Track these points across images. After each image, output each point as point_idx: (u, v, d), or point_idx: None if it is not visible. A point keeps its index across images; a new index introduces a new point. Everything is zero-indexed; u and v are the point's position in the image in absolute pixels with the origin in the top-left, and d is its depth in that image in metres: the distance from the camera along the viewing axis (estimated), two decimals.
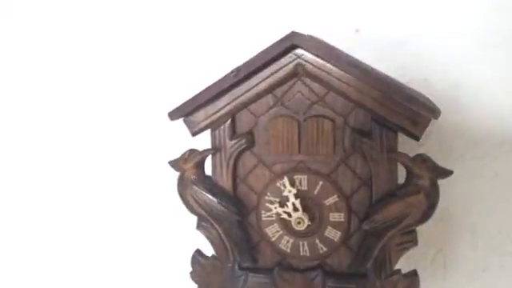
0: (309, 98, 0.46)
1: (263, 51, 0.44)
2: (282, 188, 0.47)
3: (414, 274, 0.46)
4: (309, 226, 0.47)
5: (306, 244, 0.48)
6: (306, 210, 0.47)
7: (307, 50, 0.44)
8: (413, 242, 0.46)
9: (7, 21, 0.69)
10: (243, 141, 0.47)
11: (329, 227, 0.47)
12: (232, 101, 0.47)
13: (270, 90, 0.46)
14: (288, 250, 0.48)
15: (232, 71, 0.46)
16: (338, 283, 0.47)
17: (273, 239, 0.49)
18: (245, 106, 0.47)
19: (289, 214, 0.47)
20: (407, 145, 0.47)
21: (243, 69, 0.45)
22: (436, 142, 0.58)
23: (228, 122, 0.48)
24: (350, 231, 0.47)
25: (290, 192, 0.46)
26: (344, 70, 0.43)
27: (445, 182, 0.44)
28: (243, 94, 0.46)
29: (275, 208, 0.47)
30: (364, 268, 0.46)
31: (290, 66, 0.45)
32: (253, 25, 0.61)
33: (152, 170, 0.65)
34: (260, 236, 0.49)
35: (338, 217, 0.47)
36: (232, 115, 0.47)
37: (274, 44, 0.44)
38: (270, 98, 0.47)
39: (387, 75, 0.50)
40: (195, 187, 0.48)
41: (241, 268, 0.50)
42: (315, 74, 0.44)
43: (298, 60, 0.44)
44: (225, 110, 0.47)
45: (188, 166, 0.49)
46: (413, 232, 0.46)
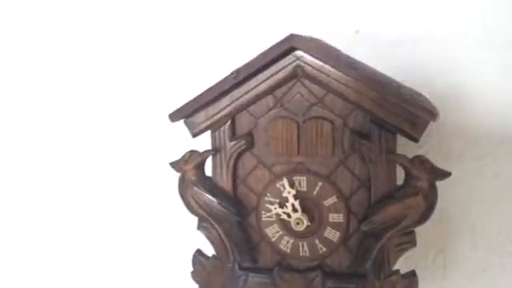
0: (308, 100, 0.46)
1: (263, 53, 0.45)
2: (282, 189, 0.47)
3: (412, 275, 0.47)
4: (308, 226, 0.47)
5: (305, 244, 0.48)
6: (305, 210, 0.47)
7: (306, 52, 0.44)
8: (411, 242, 0.46)
9: (7, 21, 0.69)
10: (243, 142, 0.47)
11: (328, 228, 0.47)
12: (232, 102, 0.47)
13: (270, 91, 0.46)
14: (288, 251, 0.49)
15: (232, 73, 0.46)
16: (337, 283, 0.47)
17: (273, 239, 0.49)
18: (245, 107, 0.47)
19: (288, 215, 0.47)
20: (407, 145, 0.47)
21: (243, 71, 0.45)
22: (436, 142, 0.58)
23: (228, 124, 0.48)
24: (349, 232, 0.47)
25: (289, 193, 0.47)
26: (342, 72, 0.43)
27: (445, 182, 0.44)
28: (243, 95, 0.47)
29: (275, 209, 0.48)
30: (363, 268, 0.47)
31: (290, 68, 0.45)
32: (253, 26, 0.61)
33: (153, 171, 0.65)
34: (260, 236, 0.49)
35: (337, 217, 0.47)
36: (232, 116, 0.48)
37: (274, 46, 0.44)
38: (269, 100, 0.47)
39: (386, 76, 0.50)
40: (196, 188, 0.49)
41: (241, 268, 0.50)
42: (314, 75, 0.44)
43: (298, 62, 0.44)
44: (225, 111, 0.47)
45: (188, 167, 0.49)
46: (411, 233, 0.46)
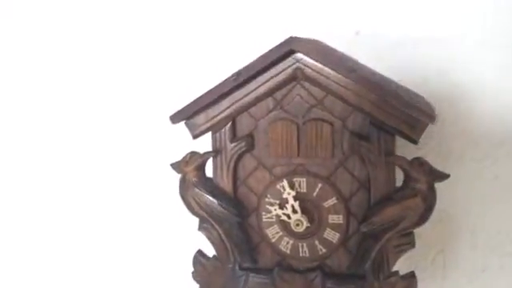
0: (308, 102, 0.46)
1: (263, 55, 0.45)
2: (282, 190, 0.47)
3: (411, 276, 0.47)
4: (308, 227, 0.47)
5: (305, 245, 0.48)
6: (305, 211, 0.47)
7: (306, 55, 0.44)
8: (410, 244, 0.46)
9: (7, 21, 0.69)
10: (243, 143, 0.48)
11: (328, 229, 0.48)
12: (232, 104, 0.47)
13: (270, 93, 0.47)
14: (288, 251, 0.49)
15: (232, 75, 0.46)
16: (337, 284, 0.48)
17: (273, 240, 0.49)
18: (245, 109, 0.47)
19: (288, 216, 0.47)
20: (407, 146, 0.47)
21: (243, 73, 0.45)
22: (436, 143, 0.58)
23: (228, 125, 0.48)
24: (349, 233, 0.47)
25: (289, 194, 0.47)
26: (342, 74, 0.43)
27: (445, 183, 0.45)
28: (243, 97, 0.47)
29: (275, 210, 0.48)
30: (362, 269, 0.47)
31: (289, 70, 0.45)
32: (253, 29, 0.61)
33: (154, 172, 0.65)
34: (260, 237, 0.50)
35: (337, 219, 0.47)
36: (232, 118, 0.48)
37: (273, 48, 0.44)
38: (269, 102, 0.47)
39: (386, 77, 0.50)
40: (196, 189, 0.49)
41: (241, 268, 0.50)
42: (314, 77, 0.44)
43: (297, 64, 0.45)
44: (225, 113, 0.47)
45: (189, 169, 0.49)
46: (410, 234, 0.46)
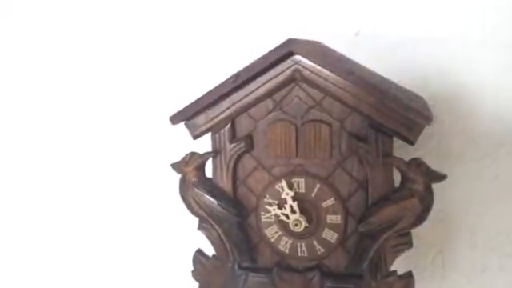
0: (306, 103, 0.46)
1: (262, 57, 0.45)
2: (281, 190, 0.48)
3: (409, 276, 0.47)
4: (306, 227, 0.47)
5: (304, 245, 0.49)
6: (303, 212, 0.47)
7: (304, 57, 0.44)
8: (408, 244, 0.47)
9: (7, 21, 0.69)
10: (243, 144, 0.48)
11: (326, 229, 0.48)
12: (232, 105, 0.47)
13: (269, 94, 0.47)
14: (287, 251, 0.49)
15: (231, 77, 0.46)
16: (335, 283, 0.48)
17: (272, 240, 0.50)
18: (244, 110, 0.48)
19: (287, 216, 0.48)
20: (407, 146, 0.47)
21: (242, 74, 0.46)
22: (435, 143, 0.59)
23: (228, 126, 0.48)
24: (347, 233, 0.48)
25: (287, 194, 0.47)
26: (340, 76, 0.44)
27: (444, 183, 0.45)
28: (243, 98, 0.47)
29: (274, 210, 0.48)
30: (360, 269, 0.47)
31: (288, 72, 0.45)
32: (252, 30, 0.61)
33: (155, 172, 0.66)
34: (259, 237, 0.50)
35: (335, 219, 0.47)
36: (232, 119, 0.48)
37: (272, 50, 0.44)
38: (268, 103, 0.47)
39: (384, 78, 0.51)
40: (196, 189, 0.50)
41: (241, 268, 0.51)
42: (312, 79, 0.45)
43: (296, 66, 0.45)
44: (225, 114, 0.48)
45: (189, 169, 0.50)
46: (408, 234, 0.47)
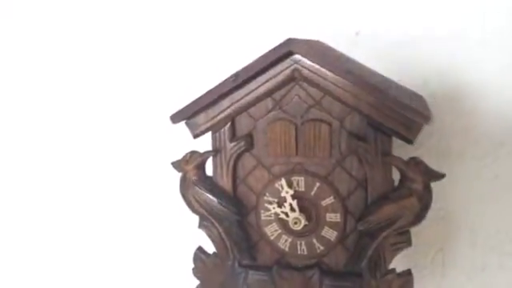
0: (306, 102, 0.46)
1: (261, 57, 0.45)
2: (280, 189, 0.48)
3: (408, 274, 0.47)
4: (306, 225, 0.48)
5: (303, 243, 0.49)
6: (303, 210, 0.48)
7: (304, 56, 0.44)
8: (406, 242, 0.47)
9: (7, 21, 0.69)
10: (242, 143, 0.48)
11: (325, 227, 0.48)
12: (232, 104, 0.48)
13: (269, 93, 0.47)
14: (286, 249, 0.50)
15: (231, 76, 0.47)
16: (334, 281, 0.48)
17: (272, 238, 0.50)
18: (244, 109, 0.48)
19: (286, 214, 0.48)
20: (407, 145, 0.48)
21: (242, 74, 0.46)
22: (436, 141, 0.59)
23: (228, 125, 0.49)
24: (346, 231, 0.48)
25: (287, 193, 0.48)
26: (339, 76, 0.44)
27: (445, 181, 0.45)
28: (243, 97, 0.47)
29: (273, 208, 0.49)
30: (359, 267, 0.48)
31: (288, 71, 0.45)
32: (252, 29, 0.61)
33: (155, 171, 0.66)
34: (259, 235, 0.50)
35: (335, 217, 0.48)
36: (232, 118, 0.48)
37: (272, 50, 0.45)
38: (268, 102, 0.47)
39: (385, 78, 0.51)
40: (196, 187, 0.50)
41: (241, 265, 0.51)
42: (312, 78, 0.45)
43: (295, 65, 0.45)
44: (225, 113, 0.48)
45: (189, 167, 0.50)
46: (407, 233, 0.47)
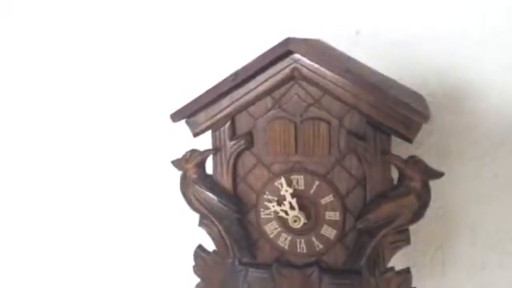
0: (305, 101, 0.47)
1: (260, 56, 0.45)
2: (280, 187, 0.48)
3: (407, 272, 0.48)
4: (305, 224, 0.48)
5: (303, 241, 0.49)
6: (302, 208, 0.48)
7: (303, 55, 0.44)
8: (405, 240, 0.47)
9: (7, 21, 0.70)
10: (242, 141, 0.49)
11: (325, 225, 0.48)
12: (232, 103, 0.48)
13: (269, 92, 0.47)
14: (286, 247, 0.50)
15: (231, 75, 0.47)
16: (333, 279, 0.49)
17: (271, 236, 0.50)
18: (244, 108, 0.48)
19: (286, 213, 0.48)
20: (406, 144, 0.48)
21: (242, 73, 0.46)
22: (435, 140, 0.59)
23: (228, 124, 0.49)
24: (345, 230, 0.48)
25: (286, 191, 0.48)
26: (338, 75, 0.44)
27: (444, 180, 0.45)
28: (242, 96, 0.48)
29: (273, 206, 0.49)
30: (358, 265, 0.48)
31: (287, 70, 0.46)
32: (252, 28, 0.62)
33: (156, 169, 0.67)
34: (259, 233, 0.51)
35: (334, 216, 0.48)
36: (232, 117, 0.49)
37: (271, 49, 0.45)
38: (268, 101, 0.48)
39: (385, 77, 0.51)
40: (196, 186, 0.50)
41: (241, 263, 0.51)
42: (311, 77, 0.45)
43: (295, 64, 0.45)
44: (225, 112, 0.48)
45: (190, 166, 0.50)
46: (406, 231, 0.47)
